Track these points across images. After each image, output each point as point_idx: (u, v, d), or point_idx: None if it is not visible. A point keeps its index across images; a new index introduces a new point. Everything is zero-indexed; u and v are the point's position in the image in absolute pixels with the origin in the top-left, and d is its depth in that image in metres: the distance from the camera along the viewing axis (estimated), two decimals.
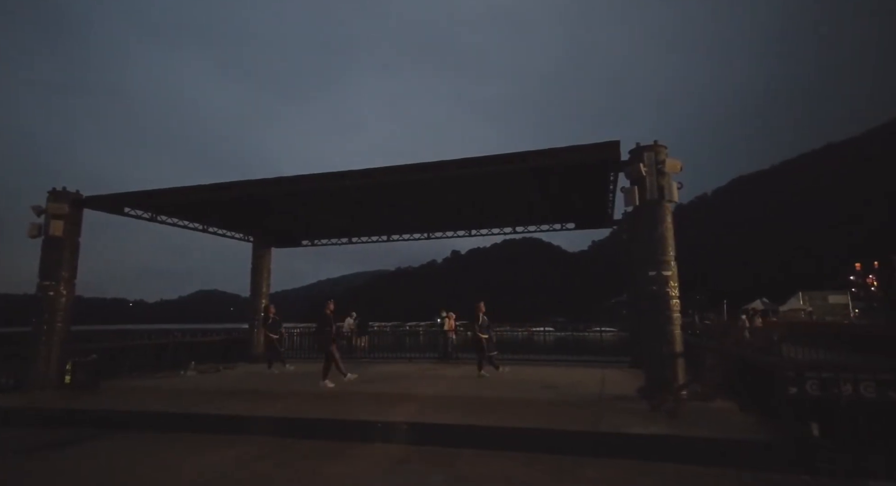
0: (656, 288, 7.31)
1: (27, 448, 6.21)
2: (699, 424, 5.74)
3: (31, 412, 7.78)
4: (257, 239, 15.41)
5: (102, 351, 10.75)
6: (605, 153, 7.63)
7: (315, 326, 10.74)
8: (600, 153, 7.66)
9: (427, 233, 14.91)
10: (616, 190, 9.90)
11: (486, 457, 5.39)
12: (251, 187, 9.57)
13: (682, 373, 7.15)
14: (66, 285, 9.92)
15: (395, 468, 5.08)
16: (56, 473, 5.23)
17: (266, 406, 7.44)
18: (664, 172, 7.39)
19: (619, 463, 5.09)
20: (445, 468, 5.02)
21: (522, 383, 9.54)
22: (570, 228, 13.59)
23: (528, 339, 16.41)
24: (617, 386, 8.88)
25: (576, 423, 5.97)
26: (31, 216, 9.89)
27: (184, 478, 4.86)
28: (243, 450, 5.81)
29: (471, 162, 8.34)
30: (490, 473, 4.90)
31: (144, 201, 10.77)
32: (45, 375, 9.43)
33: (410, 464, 5.21)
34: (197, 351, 13.73)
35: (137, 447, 6.18)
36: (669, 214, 7.57)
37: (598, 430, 5.67)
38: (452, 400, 7.71)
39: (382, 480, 4.75)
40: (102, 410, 7.57)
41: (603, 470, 4.91)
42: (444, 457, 5.42)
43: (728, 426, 5.70)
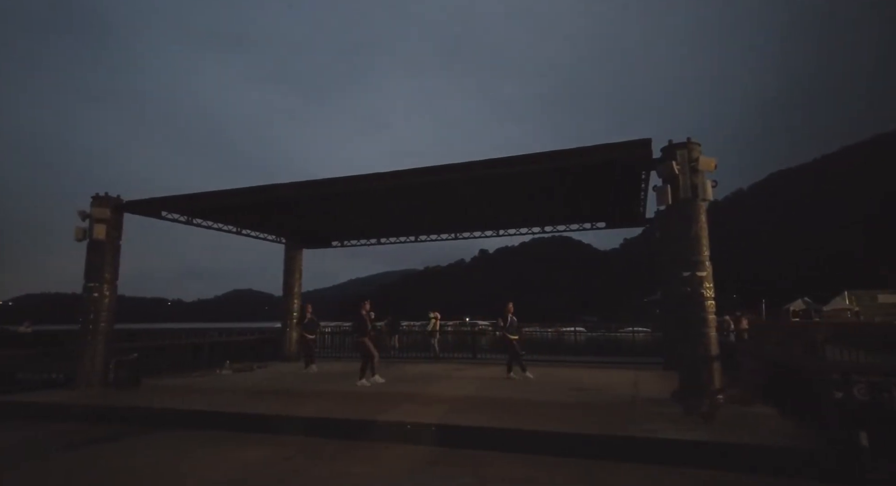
0: (690, 289, 7.12)
1: (75, 443, 6.51)
2: (737, 429, 5.56)
3: (79, 407, 8.14)
4: (289, 240, 15.73)
5: (143, 350, 11.18)
6: (636, 152, 7.47)
7: (350, 325, 10.92)
8: (631, 152, 7.50)
9: (455, 233, 14.92)
10: (648, 188, 9.69)
11: (514, 460, 5.35)
12: (283, 190, 9.76)
13: (718, 376, 6.94)
14: (108, 285, 10.34)
15: (423, 470, 5.10)
16: (101, 467, 5.45)
17: (298, 406, 7.58)
18: (698, 170, 7.18)
19: (652, 469, 4.97)
20: (473, 471, 5.01)
21: (552, 385, 9.45)
22: (601, 227, 13.37)
23: (557, 339, 16.22)
24: (650, 389, 8.69)
25: (607, 427, 5.87)
26: (77, 219, 10.33)
27: (218, 475, 5.00)
28: (275, 449, 5.94)
29: (498, 162, 8.30)
30: (519, 476, 4.86)
31: (181, 205, 11.12)
32: (91, 372, 9.85)
33: (438, 466, 5.22)
34: (232, 350, 14.11)
35: (176, 443, 6.39)
36: (703, 213, 7.36)
37: (630, 434, 5.55)
38: (481, 402, 7.70)
39: (410, 481, 4.77)
40: (143, 407, 7.85)
41: (634, 476, 4.81)
42: (472, 460, 5.41)
43: (768, 432, 5.50)
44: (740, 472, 4.80)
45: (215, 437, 6.64)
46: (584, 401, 7.65)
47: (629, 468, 5.00)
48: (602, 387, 9.08)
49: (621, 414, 6.63)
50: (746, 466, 4.85)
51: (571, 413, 6.69)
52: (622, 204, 11.35)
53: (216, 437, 6.64)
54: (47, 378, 10.19)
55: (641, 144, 7.37)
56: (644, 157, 7.59)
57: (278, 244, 15.83)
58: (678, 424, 5.94)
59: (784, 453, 4.86)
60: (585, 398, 7.88)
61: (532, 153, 8.04)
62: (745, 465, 4.86)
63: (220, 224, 12.97)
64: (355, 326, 10.32)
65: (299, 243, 15.94)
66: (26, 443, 6.57)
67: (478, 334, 16.46)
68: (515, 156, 8.17)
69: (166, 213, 11.30)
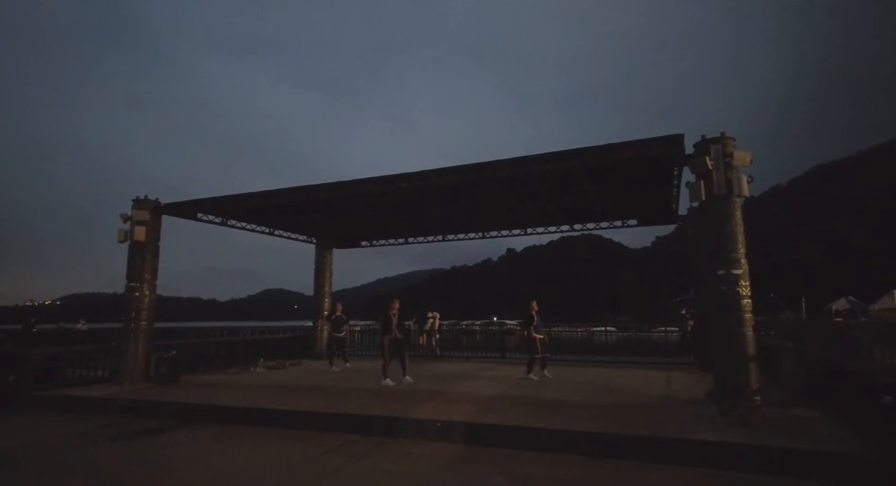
0: (726, 288, 6.94)
1: (120, 435, 6.82)
2: (776, 432, 5.39)
3: (124, 402, 8.49)
4: (320, 240, 16.02)
5: (181, 348, 11.58)
6: (668, 148, 7.33)
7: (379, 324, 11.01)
8: (663, 148, 7.36)
9: (482, 232, 14.91)
10: (681, 185, 9.49)
11: (544, 460, 5.33)
12: (314, 191, 9.95)
13: (756, 377, 6.74)
14: (149, 285, 10.75)
15: (454, 468, 5.13)
16: (145, 459, 5.70)
17: (331, 403, 7.72)
18: (732, 165, 6.99)
19: (685, 471, 4.87)
20: (505, 470, 5.02)
21: (582, 385, 9.35)
22: (632, 224, 13.15)
23: (587, 339, 16.01)
24: (683, 390, 8.51)
25: (638, 427, 5.78)
26: (117, 220, 10.76)
27: (255, 469, 5.15)
28: (310, 445, 6.07)
29: (526, 160, 8.26)
30: (549, 475, 4.84)
31: (215, 207, 11.47)
32: (134, 368, 10.27)
33: (470, 464, 5.25)
34: (265, 348, 14.46)
35: (213, 438, 6.60)
36: (739, 210, 7.16)
37: (663, 435, 5.45)
38: (511, 401, 7.68)
39: (443, 479, 4.81)
40: (183, 403, 8.13)
41: (667, 478, 4.73)
42: (502, 458, 5.41)
43: (810, 435, 5.31)
44: (780, 476, 4.65)
45: (251, 432, 6.84)
46: (616, 401, 7.55)
47: (663, 470, 4.92)
48: (634, 387, 8.94)
49: (654, 415, 6.52)
50: (787, 470, 4.70)
51: (603, 413, 6.61)
52: (654, 201, 11.14)
53: (252, 432, 6.83)
54: (93, 374, 10.68)
55: (673, 140, 7.23)
56: (676, 153, 7.45)
57: (309, 244, 16.14)
58: (713, 425, 5.81)
59: (828, 457, 4.69)
60: (617, 399, 7.77)
61: (561, 151, 7.97)
62: (786, 469, 4.71)
63: (254, 225, 13.31)
64: (380, 325, 10.47)
65: (329, 243, 16.22)
66: (75, 435, 6.90)
67: (506, 333, 16.37)
68: (543, 154, 8.11)
69: (202, 215, 11.66)
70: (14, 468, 5.45)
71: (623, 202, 11.62)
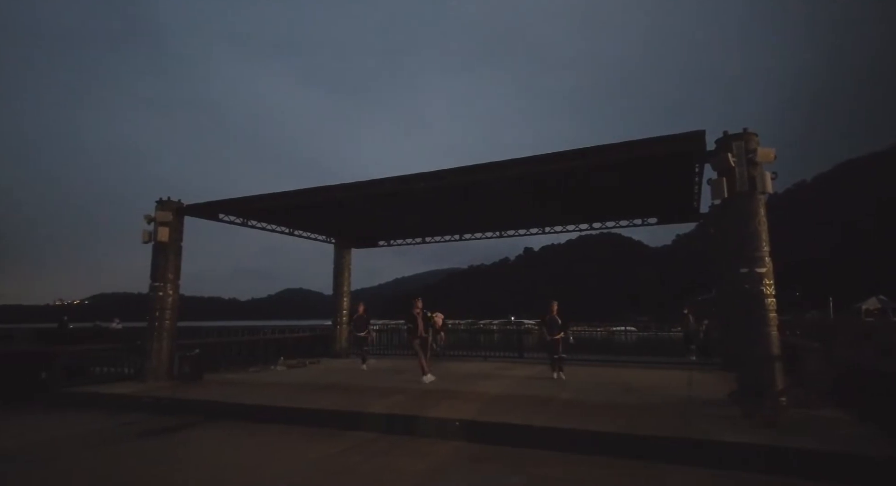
0: (749, 286, 6.80)
1: (146, 431, 6.97)
2: (802, 434, 5.27)
3: (148, 399, 8.69)
4: (338, 240, 16.17)
5: (203, 347, 11.79)
6: (689, 145, 7.22)
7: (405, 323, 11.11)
8: (683, 145, 7.25)
9: (499, 231, 14.87)
10: (702, 182, 9.33)
11: (564, 460, 5.29)
12: (332, 191, 10.04)
13: (781, 377, 6.60)
14: (172, 285, 10.97)
15: (472, 467, 5.13)
16: (170, 454, 5.82)
17: (350, 401, 7.78)
18: (756, 161, 6.85)
19: (708, 473, 4.78)
20: (524, 469, 5.00)
21: (602, 385, 9.27)
22: (653, 222, 12.97)
23: (607, 339, 15.86)
24: (705, 390, 8.37)
25: (660, 428, 5.70)
26: (138, 221, 10.97)
27: (277, 466, 5.22)
28: (329, 442, 6.13)
29: (544, 158, 8.21)
30: (569, 476, 4.81)
31: (236, 208, 11.65)
32: (158, 366, 10.49)
33: (488, 463, 5.24)
34: (285, 347, 14.64)
35: (235, 435, 6.71)
36: (762, 207, 7.01)
37: (685, 436, 5.37)
38: (529, 401, 7.65)
39: (461, 478, 4.81)
40: (206, 400, 8.27)
41: (689, 479, 4.65)
42: (521, 458, 5.39)
43: (841, 437, 5.18)
44: (806, 479, 4.54)
45: (272, 429, 6.93)
46: (636, 401, 7.46)
47: (684, 471, 4.84)
48: (654, 387, 8.82)
49: (675, 415, 6.43)
50: (814, 473, 4.58)
51: (623, 414, 6.54)
52: (674, 199, 10.98)
53: (273, 429, 6.93)
54: (119, 371, 10.95)
55: (694, 137, 7.11)
56: (697, 149, 7.33)
57: (328, 244, 16.29)
58: (737, 426, 5.70)
59: (856, 460, 4.57)
60: (637, 399, 7.68)
61: (579, 148, 7.90)
62: (813, 472, 4.59)
63: (274, 225, 13.48)
64: (408, 325, 10.52)
65: (348, 243, 16.36)
66: (102, 430, 7.08)
67: (524, 333, 16.29)
68: (560, 151, 8.05)
69: (223, 215, 11.86)
70: (44, 462, 5.62)
71: (643, 200, 11.48)
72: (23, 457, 5.80)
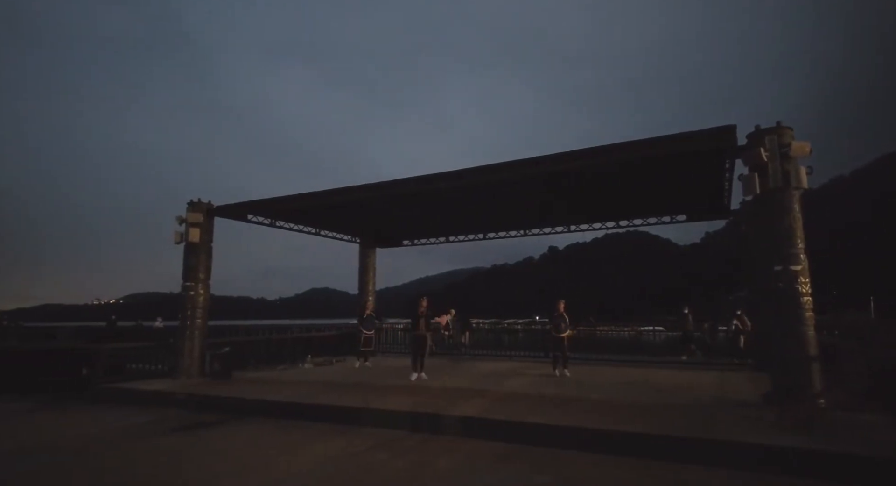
0: (783, 285, 6.60)
1: (179, 427, 7.19)
2: (840, 437, 5.09)
3: (181, 396, 8.93)
4: (363, 240, 16.33)
5: (233, 345, 12.06)
6: (720, 140, 7.04)
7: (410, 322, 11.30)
8: (714, 140, 7.07)
9: (523, 230, 14.78)
10: (733, 178, 9.11)
11: (589, 460, 5.23)
12: (356, 192, 10.15)
13: (818, 379, 6.39)
14: (203, 285, 11.25)
15: (498, 466, 5.11)
16: (202, 449, 5.98)
17: (376, 399, 7.85)
18: (790, 156, 6.64)
19: (740, 476, 4.66)
20: (550, 469, 4.96)
21: (630, 385, 9.13)
22: (681, 220, 12.70)
23: (635, 339, 15.58)
24: (737, 391, 8.16)
25: (689, 429, 5.58)
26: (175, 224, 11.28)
27: (305, 462, 5.31)
28: (355, 440, 6.20)
29: (567, 156, 8.13)
30: (596, 476, 4.75)
31: (264, 209, 11.88)
32: (190, 364, 10.78)
33: (513, 462, 5.22)
34: (312, 345, 14.85)
35: (264, 431, 6.85)
36: (797, 202, 6.80)
37: (716, 437, 5.24)
38: (555, 400, 7.59)
39: (487, 476, 4.80)
40: (236, 397, 8.46)
41: (718, 482, 4.54)
42: (547, 458, 5.35)
43: (876, 441, 4.97)
44: (844, 484, 4.38)
45: (300, 426, 7.04)
46: (665, 402, 7.32)
47: (715, 474, 4.73)
48: (683, 388, 8.65)
49: (705, 416, 6.28)
50: (851, 478, 4.42)
51: (650, 414, 6.43)
52: (703, 196, 10.73)
53: (301, 426, 7.04)
54: (153, 369, 11.30)
55: (725, 132, 6.94)
56: (728, 144, 7.15)
57: (353, 244, 16.47)
58: (771, 429, 5.53)
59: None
60: (665, 399, 7.54)
61: (605, 145, 7.80)
62: (850, 477, 4.43)
63: (301, 226, 13.70)
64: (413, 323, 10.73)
65: (372, 243, 16.51)
66: (138, 425, 7.33)
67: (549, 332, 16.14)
68: (585, 149, 7.96)
69: (252, 216, 12.11)
70: (85, 454, 5.84)
71: (671, 197, 11.25)
72: (65, 449, 6.04)
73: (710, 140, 7.11)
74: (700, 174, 9.22)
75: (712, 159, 8.29)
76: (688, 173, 9.20)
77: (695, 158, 8.06)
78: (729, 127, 6.91)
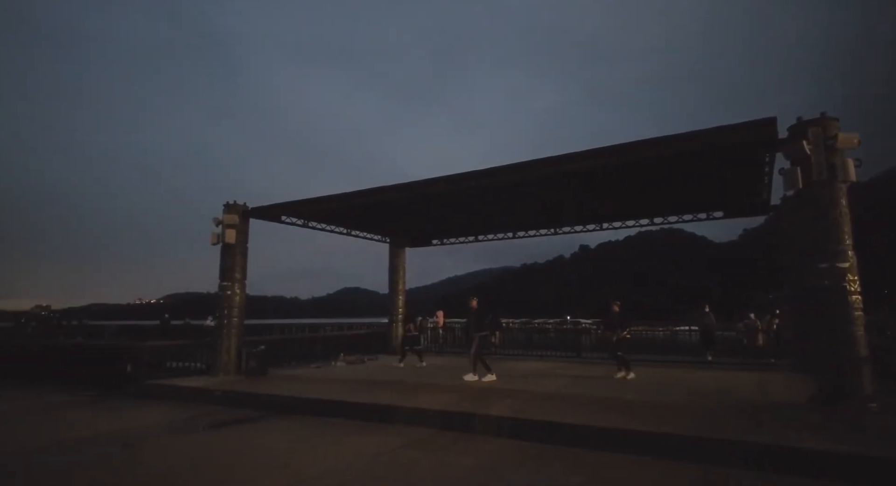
0: (829, 283, 6.32)
1: (217, 422, 7.41)
2: (894, 442, 4.84)
3: (219, 392, 9.20)
4: (393, 240, 16.47)
5: (269, 343, 12.35)
6: (759, 133, 6.80)
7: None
8: (752, 133, 6.84)
9: (554, 228, 14.61)
10: (773, 172, 8.79)
11: (625, 461, 5.13)
12: (387, 192, 10.24)
13: (868, 381, 6.09)
14: (239, 284, 11.55)
15: (532, 466, 5.07)
16: (239, 445, 6.14)
17: (407, 397, 7.90)
18: (836, 148, 6.35)
19: (783, 480, 4.49)
20: (584, 469, 4.88)
21: (667, 386, 8.91)
22: (718, 216, 12.32)
23: (670, 339, 15.19)
24: (780, 393, 7.87)
25: (730, 431, 5.41)
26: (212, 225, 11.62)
27: (337, 459, 5.38)
28: (387, 438, 6.25)
29: (600, 152, 7.99)
30: (629, 477, 4.65)
31: (297, 210, 12.12)
32: (227, 362, 11.09)
33: (547, 463, 5.16)
34: (344, 344, 15.08)
35: (299, 428, 6.98)
36: (844, 196, 6.50)
37: (759, 441, 5.05)
38: (589, 401, 7.47)
39: (521, 477, 4.76)
40: (271, 394, 8.65)
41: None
42: (581, 458, 5.28)
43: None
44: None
45: (333, 424, 7.15)
46: (703, 403, 7.12)
47: (754, 478, 4.57)
48: (721, 389, 8.39)
49: (746, 418, 6.07)
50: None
51: (689, 416, 6.26)
52: (742, 191, 10.39)
53: (334, 423, 7.15)
54: (192, 366, 11.67)
55: (764, 124, 6.70)
56: (767, 138, 6.90)
57: (383, 244, 16.62)
58: (819, 432, 5.30)
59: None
60: (703, 401, 7.33)
61: (638, 140, 7.63)
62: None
63: (332, 226, 13.92)
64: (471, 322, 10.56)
65: (402, 243, 16.63)
66: (178, 421, 7.58)
67: (582, 332, 15.92)
68: (618, 144, 7.81)
69: (286, 217, 12.38)
70: (131, 448, 6.08)
71: (707, 193, 10.93)
72: (112, 443, 6.30)
73: (749, 133, 6.88)
74: (738, 169, 8.93)
75: (751, 153, 8.02)
76: (725, 168, 8.92)
77: (732, 152, 7.81)
78: (769, 119, 6.67)
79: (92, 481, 4.86)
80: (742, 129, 6.83)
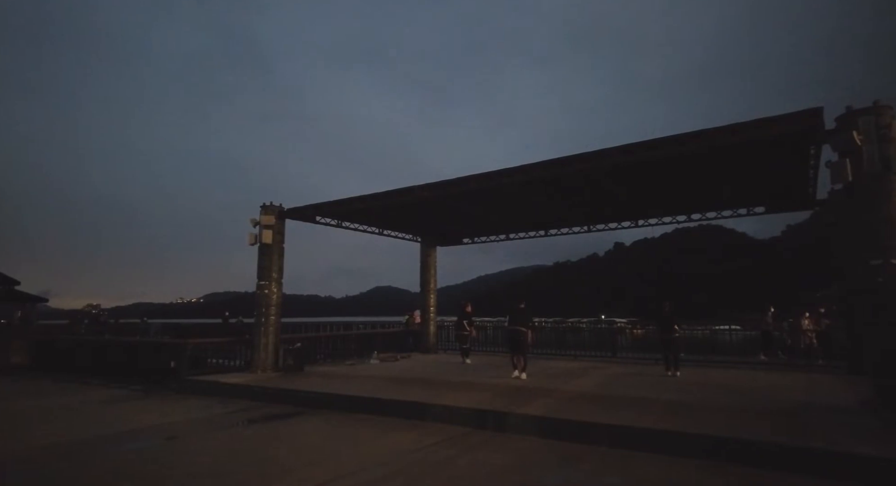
0: (884, 280, 6.00)
1: (255, 418, 7.62)
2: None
3: (257, 388, 9.45)
4: (424, 239, 16.55)
5: (305, 341, 12.61)
6: (804, 124, 6.51)
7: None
8: (797, 125, 6.55)
9: (588, 226, 14.38)
10: (819, 165, 8.40)
11: (662, 462, 5.02)
12: (418, 192, 10.29)
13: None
14: (276, 283, 11.84)
15: (567, 465, 5.01)
16: (277, 439, 6.30)
17: (441, 395, 7.93)
18: (891, 138, 6.02)
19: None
20: (620, 470, 4.80)
21: (707, 386, 8.66)
22: (759, 212, 11.84)
23: (710, 338, 14.73)
24: (829, 396, 7.53)
25: (775, 434, 5.21)
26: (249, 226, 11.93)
27: (372, 455, 5.46)
28: (422, 435, 6.30)
29: (637, 147, 7.81)
30: (667, 478, 4.54)
31: (331, 210, 12.32)
32: (265, 359, 11.38)
33: (582, 462, 5.10)
34: (377, 341, 15.25)
35: (335, 424, 7.12)
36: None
37: (808, 445, 4.85)
38: (625, 401, 7.33)
39: (556, 476, 4.72)
40: (307, 391, 8.84)
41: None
42: (617, 458, 5.19)
43: None
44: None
45: (369, 420, 7.26)
46: (747, 405, 6.87)
47: (803, 483, 4.38)
48: (766, 389, 8.10)
49: (793, 421, 5.85)
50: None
51: (731, 417, 6.05)
52: (785, 185, 9.97)
53: (369, 420, 7.25)
54: (232, 363, 12.04)
55: (810, 115, 6.42)
56: (813, 129, 6.60)
57: (415, 243, 16.72)
58: (876, 439, 5.04)
59: None
60: (746, 402, 7.08)
61: (677, 134, 7.43)
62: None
63: (365, 226, 14.10)
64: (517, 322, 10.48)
65: (433, 241, 16.69)
66: (219, 416, 7.84)
67: (617, 332, 15.63)
68: (656, 138, 7.62)
69: (320, 217, 12.60)
70: (174, 441, 6.33)
71: (748, 188, 10.53)
72: (156, 435, 6.57)
73: (791, 125, 6.59)
74: (781, 162, 8.57)
75: (795, 145, 7.68)
76: (767, 161, 8.58)
77: (775, 144, 7.50)
78: (815, 109, 6.38)
79: (146, 468, 5.08)
80: (786, 120, 6.55)
